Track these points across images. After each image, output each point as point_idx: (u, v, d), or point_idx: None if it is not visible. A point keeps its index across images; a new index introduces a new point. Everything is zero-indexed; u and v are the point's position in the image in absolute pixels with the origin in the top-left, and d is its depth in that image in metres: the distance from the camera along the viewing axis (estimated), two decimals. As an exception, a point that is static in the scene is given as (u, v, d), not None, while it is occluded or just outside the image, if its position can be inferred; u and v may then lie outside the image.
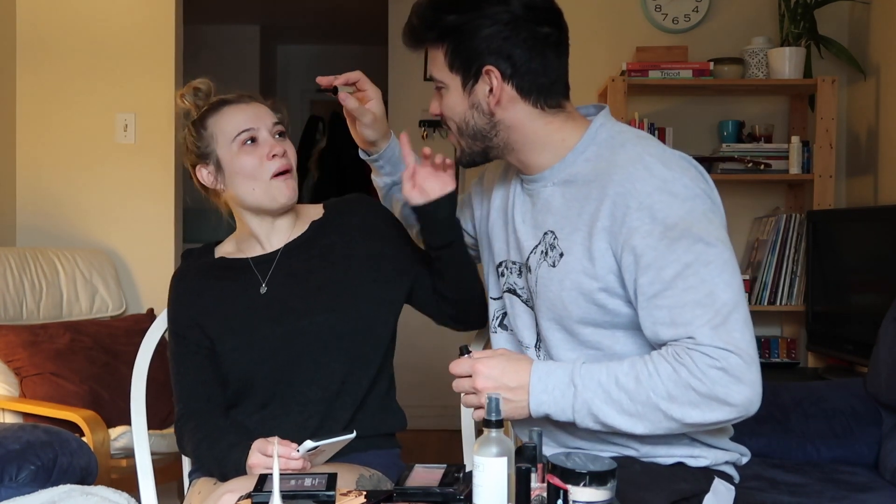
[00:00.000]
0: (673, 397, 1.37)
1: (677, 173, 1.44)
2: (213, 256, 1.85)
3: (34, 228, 3.61)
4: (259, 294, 1.77)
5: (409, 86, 4.91)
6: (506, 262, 1.65)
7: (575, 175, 1.53)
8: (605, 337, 1.50)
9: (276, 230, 1.81)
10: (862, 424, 2.49)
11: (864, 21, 3.58)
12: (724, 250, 1.41)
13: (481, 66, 1.51)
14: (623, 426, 1.41)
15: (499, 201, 1.69)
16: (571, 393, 1.42)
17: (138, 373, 1.90)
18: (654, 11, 3.78)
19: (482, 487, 1.19)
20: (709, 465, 1.55)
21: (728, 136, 3.61)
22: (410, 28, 1.59)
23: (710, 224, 1.42)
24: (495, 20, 1.49)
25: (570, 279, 1.49)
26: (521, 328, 1.63)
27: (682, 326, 1.38)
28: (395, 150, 1.81)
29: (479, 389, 1.45)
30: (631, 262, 1.42)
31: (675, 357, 1.38)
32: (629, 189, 1.43)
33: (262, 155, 1.74)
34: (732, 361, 1.35)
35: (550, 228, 1.53)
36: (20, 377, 2.91)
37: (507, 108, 1.53)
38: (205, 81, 1.80)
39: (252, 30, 6.60)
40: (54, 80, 3.62)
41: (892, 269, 2.82)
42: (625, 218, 1.43)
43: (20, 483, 2.14)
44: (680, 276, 1.39)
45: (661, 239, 1.40)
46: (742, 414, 1.38)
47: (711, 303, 1.37)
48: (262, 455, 1.58)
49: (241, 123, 1.75)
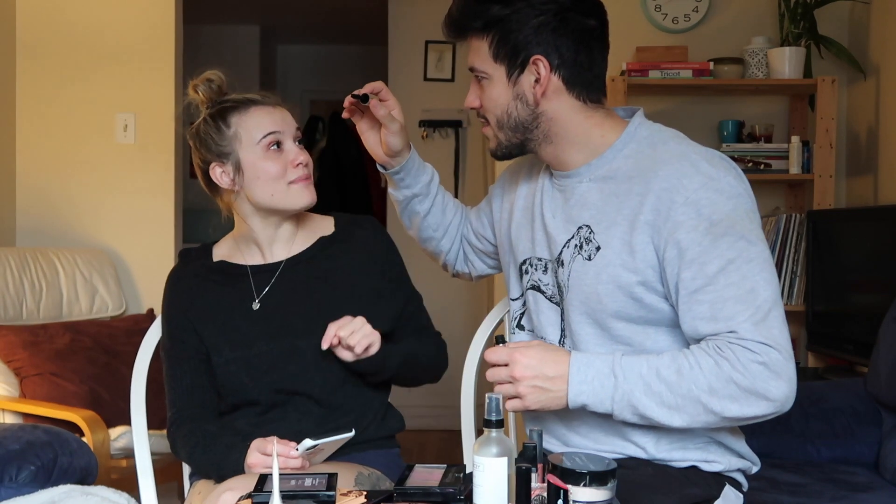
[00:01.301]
0: (714, 390, 1.38)
1: (722, 172, 1.47)
2: (211, 259, 1.83)
3: (34, 228, 3.61)
4: (252, 309, 1.75)
5: (409, 86, 4.91)
6: (530, 260, 1.65)
7: (615, 171, 1.53)
8: (636, 333, 1.51)
9: (279, 238, 1.79)
10: (862, 424, 2.49)
11: (864, 21, 3.58)
12: (764, 249, 1.44)
13: (529, 57, 1.51)
14: (661, 419, 1.42)
15: (523, 200, 1.69)
16: (612, 384, 1.42)
17: (138, 373, 1.89)
18: (654, 11, 3.78)
19: (482, 487, 1.19)
20: (721, 470, 1.55)
21: (728, 136, 3.60)
22: (452, 20, 1.58)
23: (752, 223, 1.45)
24: (543, 11, 1.50)
25: (606, 272, 1.49)
26: (544, 325, 1.62)
27: (724, 321, 1.40)
28: (415, 160, 1.79)
29: (517, 378, 1.44)
30: (674, 255, 1.43)
31: (716, 351, 1.39)
32: (675, 184, 1.45)
33: (286, 162, 1.71)
34: (773, 356, 1.37)
35: (586, 223, 1.53)
36: (20, 377, 2.91)
37: (551, 100, 1.53)
38: (216, 73, 1.77)
39: (252, 30, 6.59)
40: (54, 80, 3.62)
41: (892, 269, 2.82)
42: (669, 212, 1.44)
43: (20, 483, 2.14)
44: (723, 272, 1.41)
45: (705, 234, 1.42)
46: (778, 409, 1.39)
47: (753, 299, 1.39)
48: (261, 454, 1.58)
49: (269, 125, 1.72)
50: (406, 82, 4.90)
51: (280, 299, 1.75)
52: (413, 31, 4.89)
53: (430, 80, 4.98)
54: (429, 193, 1.83)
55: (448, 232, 1.88)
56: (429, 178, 1.82)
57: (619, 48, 3.77)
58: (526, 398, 1.44)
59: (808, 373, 3.36)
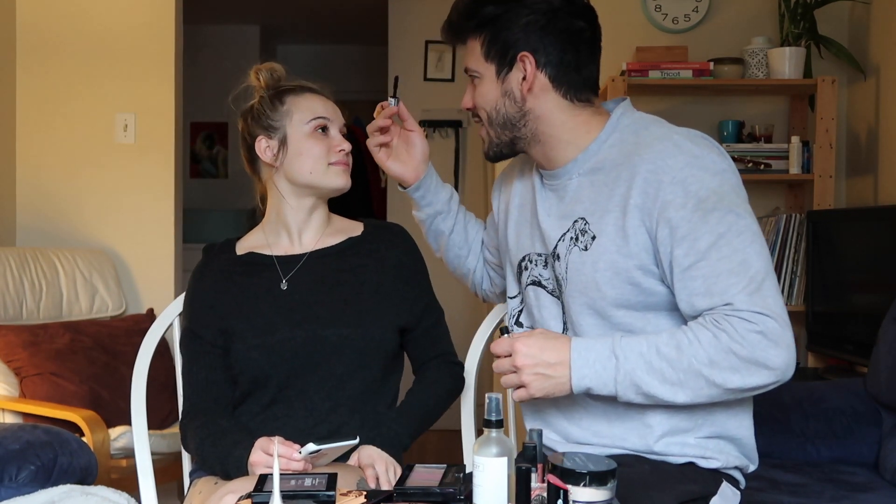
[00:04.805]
0: (714, 363, 1.40)
1: (705, 150, 1.49)
2: (235, 253, 1.86)
3: (34, 228, 3.61)
4: (281, 291, 1.78)
5: (409, 86, 4.91)
6: (529, 256, 1.66)
7: (602, 162, 1.56)
8: (637, 319, 1.52)
9: (310, 226, 1.83)
10: (862, 424, 2.49)
11: (864, 21, 3.58)
12: (752, 221, 1.46)
13: (516, 54, 1.55)
14: (665, 396, 1.43)
15: (519, 198, 1.72)
16: (613, 365, 1.43)
17: (138, 373, 1.90)
18: (654, 11, 3.78)
19: (482, 487, 1.19)
20: (719, 467, 1.55)
21: (728, 136, 3.60)
22: (449, 23, 1.63)
23: (738, 197, 1.47)
24: (533, 10, 1.54)
25: (603, 260, 1.51)
26: (546, 319, 1.64)
27: (719, 295, 1.41)
28: (433, 177, 1.86)
29: (519, 367, 1.46)
30: (666, 234, 1.45)
31: (714, 324, 1.41)
32: (660, 165, 1.47)
33: (330, 146, 1.80)
34: (770, 325, 1.39)
35: (581, 216, 1.55)
36: (20, 377, 2.91)
37: (538, 97, 1.56)
38: (280, 65, 1.87)
39: (252, 30, 6.59)
40: (54, 80, 3.63)
41: (892, 269, 2.82)
42: (658, 192, 1.46)
43: (20, 483, 2.14)
44: (714, 247, 1.43)
45: (694, 211, 1.44)
46: (780, 378, 1.41)
47: (745, 270, 1.41)
48: (264, 453, 1.58)
49: (320, 110, 1.82)
50: (406, 82, 4.90)
51: (307, 286, 1.79)
52: (413, 31, 4.90)
53: (430, 80, 4.98)
54: (450, 211, 1.88)
55: (472, 249, 1.92)
56: (448, 196, 1.88)
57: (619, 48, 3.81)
58: (530, 386, 1.45)
59: (808, 373, 3.35)
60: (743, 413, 1.58)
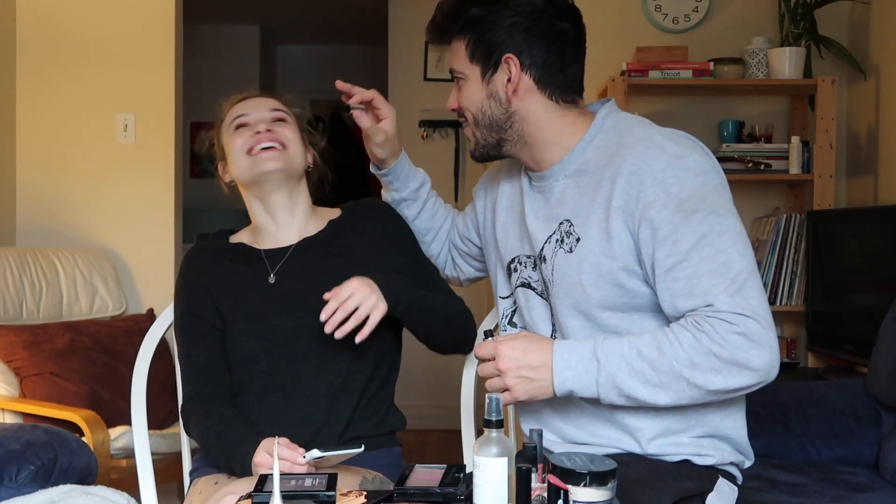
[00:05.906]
0: (695, 364, 1.39)
1: (687, 150, 1.49)
2: (228, 242, 1.88)
3: (34, 228, 3.61)
4: (269, 284, 1.79)
5: (409, 86, 4.91)
6: (518, 258, 1.67)
7: (586, 163, 1.56)
8: (623, 321, 1.52)
9: (292, 220, 1.83)
10: (862, 424, 2.49)
11: (864, 21, 3.58)
12: (735, 222, 1.45)
13: (501, 56, 1.55)
14: (647, 398, 1.43)
15: (507, 200, 1.72)
16: (595, 367, 1.43)
17: (138, 373, 1.90)
18: (654, 11, 3.78)
19: (482, 487, 1.19)
20: (714, 464, 1.55)
21: (728, 136, 3.60)
22: (434, 24, 1.64)
23: (721, 197, 1.47)
24: (517, 11, 1.54)
25: (588, 262, 1.51)
26: (536, 320, 1.64)
27: (700, 296, 1.41)
28: (404, 166, 1.86)
29: (502, 370, 1.46)
30: (648, 236, 1.45)
31: (695, 325, 1.40)
32: (642, 167, 1.47)
33: (249, 134, 1.80)
34: (751, 326, 1.38)
35: (566, 218, 1.55)
36: (20, 377, 2.91)
37: (523, 98, 1.56)
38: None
39: (252, 30, 6.59)
40: (54, 80, 3.62)
41: (892, 269, 2.82)
42: (640, 194, 1.46)
43: (20, 483, 2.14)
44: (695, 248, 1.42)
45: (676, 212, 1.44)
46: (763, 379, 1.40)
47: (727, 271, 1.41)
48: (268, 455, 1.58)
49: (238, 110, 1.84)
50: (406, 82, 4.90)
51: (295, 276, 1.79)
52: (413, 31, 4.89)
53: (430, 80, 4.97)
54: (416, 199, 1.88)
55: (438, 236, 1.93)
56: (418, 185, 1.88)
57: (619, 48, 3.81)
58: (514, 389, 1.46)
59: (808, 373, 3.36)
60: (736, 412, 1.57)
